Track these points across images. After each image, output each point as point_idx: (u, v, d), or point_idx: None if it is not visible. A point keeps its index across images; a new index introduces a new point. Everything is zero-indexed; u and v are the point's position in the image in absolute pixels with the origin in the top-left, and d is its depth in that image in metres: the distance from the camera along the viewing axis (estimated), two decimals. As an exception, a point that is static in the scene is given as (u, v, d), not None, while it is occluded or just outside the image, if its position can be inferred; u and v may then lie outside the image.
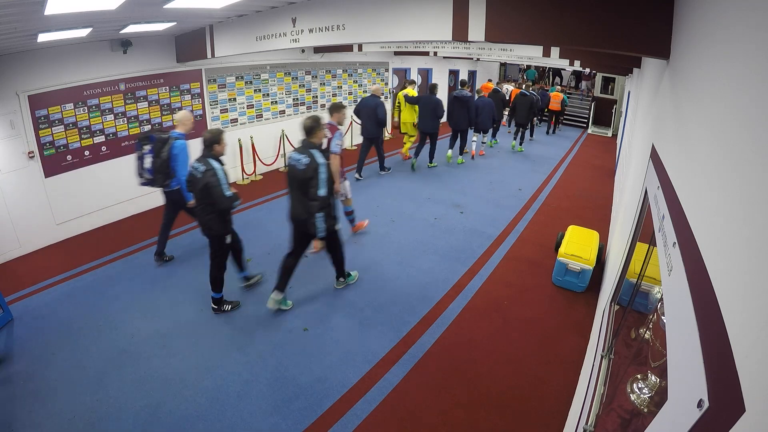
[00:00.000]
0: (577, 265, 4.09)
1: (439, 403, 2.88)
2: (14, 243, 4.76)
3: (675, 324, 1.07)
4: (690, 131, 1.41)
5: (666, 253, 1.30)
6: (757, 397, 0.57)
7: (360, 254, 4.86)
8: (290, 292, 4.09)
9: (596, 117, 13.45)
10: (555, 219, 6.05)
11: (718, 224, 0.90)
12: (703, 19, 1.42)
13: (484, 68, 15.51)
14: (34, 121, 4.74)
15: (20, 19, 3.09)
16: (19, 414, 2.73)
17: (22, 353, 3.31)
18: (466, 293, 4.17)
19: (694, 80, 1.49)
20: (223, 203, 3.36)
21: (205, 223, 3.52)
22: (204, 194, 3.37)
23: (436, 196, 6.73)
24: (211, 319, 3.70)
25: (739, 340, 0.67)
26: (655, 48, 2.23)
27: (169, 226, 4.58)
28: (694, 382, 0.78)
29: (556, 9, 2.40)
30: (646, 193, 2.16)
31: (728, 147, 0.95)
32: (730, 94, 1.01)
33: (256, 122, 7.58)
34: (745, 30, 0.97)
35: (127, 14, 3.72)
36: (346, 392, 2.94)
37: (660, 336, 1.50)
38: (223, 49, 5.08)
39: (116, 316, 3.74)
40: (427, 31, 3.03)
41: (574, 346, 3.42)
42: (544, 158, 9.51)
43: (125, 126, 5.69)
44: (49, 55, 4.73)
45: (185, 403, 2.83)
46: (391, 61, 10.70)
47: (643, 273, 2.01)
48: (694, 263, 0.97)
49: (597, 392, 2.17)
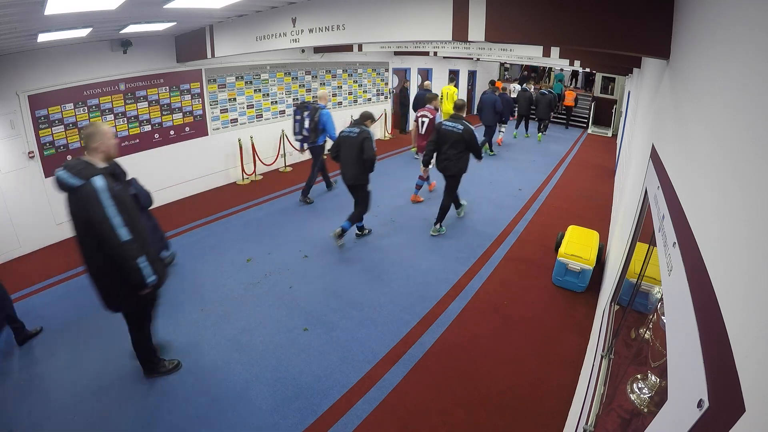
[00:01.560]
0: (577, 265, 4.09)
1: (439, 403, 2.88)
2: (14, 243, 4.76)
3: (675, 324, 1.07)
4: (690, 131, 1.41)
5: (666, 253, 1.30)
6: (757, 397, 0.57)
7: (359, 254, 4.87)
8: (290, 292, 4.09)
9: (596, 117, 13.45)
10: (555, 219, 6.05)
11: (718, 224, 0.90)
12: (703, 19, 1.42)
13: (484, 68, 15.51)
14: (34, 121, 4.74)
15: (20, 19, 3.09)
16: (19, 414, 2.73)
17: (22, 353, 3.31)
18: (466, 293, 4.17)
19: (694, 80, 1.49)
20: (372, 155, 4.56)
21: (353, 173, 4.70)
22: (358, 150, 4.55)
23: (436, 196, 6.73)
24: (211, 318, 3.70)
25: (739, 340, 0.67)
26: (655, 48, 2.23)
27: (316, 173, 6.23)
28: (694, 382, 0.78)
29: (556, 9, 2.40)
30: (646, 193, 2.16)
31: (728, 147, 0.95)
32: (731, 94, 1.01)
33: (256, 122, 7.58)
34: (745, 30, 0.97)
35: (127, 14, 3.72)
36: (346, 392, 2.94)
37: (660, 336, 1.50)
38: (223, 49, 5.08)
39: (116, 315, 3.73)
40: (427, 31, 3.03)
41: (574, 346, 3.42)
42: (544, 158, 9.51)
43: (125, 126, 5.69)
44: (49, 55, 4.73)
45: (185, 403, 2.83)
46: (391, 61, 10.70)
47: (643, 273, 2.01)
48: (694, 263, 0.97)
49: (597, 392, 2.17)
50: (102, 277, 2.52)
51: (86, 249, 2.45)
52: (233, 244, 5.09)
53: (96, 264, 2.48)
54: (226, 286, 4.21)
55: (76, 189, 2.28)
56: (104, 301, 2.59)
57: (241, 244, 5.08)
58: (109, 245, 2.33)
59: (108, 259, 2.40)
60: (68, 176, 2.28)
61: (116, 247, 2.34)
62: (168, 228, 5.54)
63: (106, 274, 2.49)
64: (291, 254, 4.83)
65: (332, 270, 4.51)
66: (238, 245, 5.05)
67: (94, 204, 2.26)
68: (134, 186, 3.31)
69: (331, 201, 6.45)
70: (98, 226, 2.30)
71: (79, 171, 2.29)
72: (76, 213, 2.36)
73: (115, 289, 2.56)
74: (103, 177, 2.31)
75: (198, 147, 6.70)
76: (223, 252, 4.89)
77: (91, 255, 2.45)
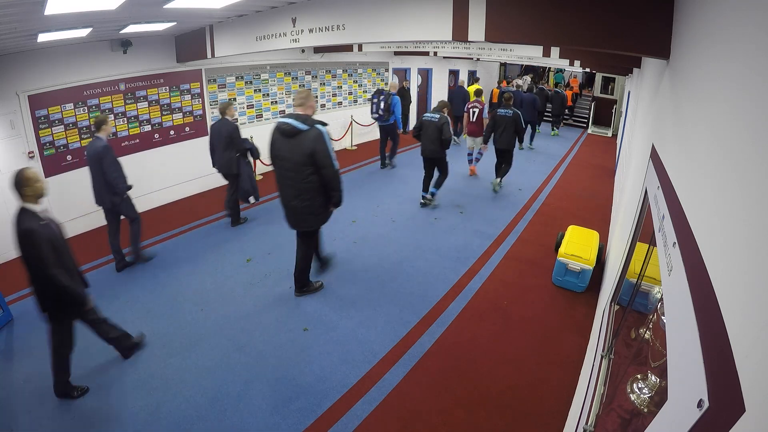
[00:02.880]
0: (577, 265, 4.09)
1: (439, 403, 2.88)
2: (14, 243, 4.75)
3: (675, 324, 1.07)
4: (690, 131, 1.41)
5: (666, 253, 1.30)
6: (757, 397, 0.57)
7: (360, 254, 4.87)
8: (290, 292, 4.09)
9: (596, 117, 13.45)
10: (555, 219, 6.05)
11: (718, 224, 0.90)
12: (703, 19, 1.42)
13: (484, 68, 15.51)
14: (34, 121, 4.74)
15: (20, 19, 3.09)
16: (19, 414, 2.73)
17: (22, 353, 3.31)
18: (466, 293, 4.17)
19: (694, 80, 1.49)
20: (449, 137, 5.73)
21: (432, 149, 5.88)
22: (438, 132, 5.72)
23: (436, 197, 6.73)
24: (211, 318, 3.70)
25: (739, 340, 0.67)
26: (655, 48, 2.23)
27: (384, 147, 8.19)
28: (694, 382, 0.78)
29: (556, 9, 2.40)
30: (646, 193, 2.16)
31: (728, 147, 0.95)
32: (731, 94, 1.01)
33: (256, 122, 7.58)
34: (745, 30, 0.97)
35: (127, 14, 3.72)
36: (346, 392, 2.94)
37: (660, 336, 1.50)
38: (223, 49, 5.08)
39: (116, 316, 3.73)
40: (427, 31, 3.03)
41: (574, 346, 3.42)
42: (544, 157, 9.51)
43: (125, 126, 5.69)
44: (49, 55, 4.73)
45: (185, 403, 2.83)
46: (391, 61, 10.70)
47: (643, 273, 2.01)
48: (694, 263, 0.97)
49: (597, 392, 2.17)
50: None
51: (299, 174, 3.39)
52: (233, 244, 5.09)
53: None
54: (226, 286, 4.21)
55: (301, 132, 3.30)
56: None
57: (241, 244, 5.09)
58: (326, 172, 3.37)
59: (318, 182, 3.42)
60: (297, 123, 3.30)
61: (334, 173, 3.40)
62: (168, 228, 5.55)
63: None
64: (291, 254, 4.81)
65: (332, 270, 4.51)
66: (238, 245, 5.05)
67: (320, 142, 3.29)
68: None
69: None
70: (321, 158, 3.31)
71: (304, 120, 3.32)
72: (292, 151, 3.34)
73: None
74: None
75: (198, 147, 6.70)
76: (223, 252, 4.89)
77: (298, 181, 3.42)
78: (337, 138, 9.30)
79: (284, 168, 3.41)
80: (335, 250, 4.86)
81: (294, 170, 3.37)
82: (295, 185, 3.43)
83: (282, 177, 3.48)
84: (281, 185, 3.53)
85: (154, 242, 5.17)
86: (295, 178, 3.39)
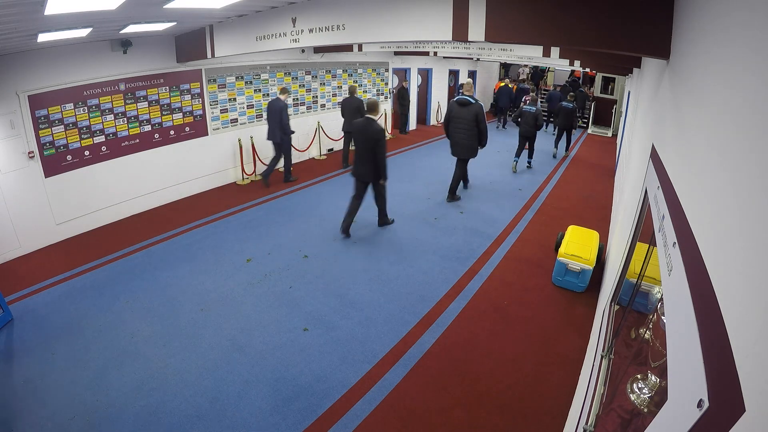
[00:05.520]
0: (577, 265, 4.09)
1: (439, 402, 2.88)
2: (14, 243, 4.76)
3: (675, 324, 1.07)
4: (690, 131, 1.41)
5: (666, 253, 1.30)
6: (757, 397, 0.57)
7: (360, 254, 4.87)
8: (290, 292, 4.09)
9: (596, 117, 13.45)
10: (555, 219, 6.05)
11: (718, 224, 0.90)
12: (703, 20, 1.42)
13: (484, 68, 15.51)
14: (34, 121, 4.74)
15: (20, 19, 3.09)
16: (19, 414, 2.73)
17: (22, 353, 3.31)
18: (466, 293, 4.17)
19: (694, 80, 1.49)
20: (541, 122, 7.75)
21: (529, 129, 7.97)
22: (533, 121, 7.87)
23: (436, 197, 6.74)
24: (211, 318, 3.70)
25: (739, 341, 0.67)
26: (655, 48, 2.23)
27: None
28: (694, 382, 0.78)
29: (556, 9, 2.40)
30: (646, 193, 2.16)
31: (728, 147, 0.95)
32: (731, 94, 1.01)
33: (256, 122, 7.58)
34: (745, 30, 0.97)
35: (127, 14, 3.72)
36: (346, 392, 2.94)
37: (660, 336, 1.50)
38: (223, 49, 5.08)
39: (116, 316, 3.75)
40: (427, 31, 3.03)
41: (574, 346, 3.42)
42: (544, 158, 9.51)
43: (125, 126, 5.69)
44: (49, 55, 4.73)
45: (185, 403, 2.83)
46: (391, 61, 10.70)
47: (643, 273, 2.01)
48: (694, 263, 0.97)
49: (597, 392, 2.17)
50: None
51: (462, 130, 6.06)
52: (233, 244, 5.09)
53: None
54: (226, 286, 4.21)
55: (472, 104, 5.92)
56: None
57: (241, 244, 5.09)
58: (482, 127, 6.02)
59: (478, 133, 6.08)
60: (467, 97, 5.95)
61: (485, 128, 6.07)
62: (168, 228, 5.55)
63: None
64: (291, 254, 4.83)
65: (332, 270, 4.52)
66: (238, 245, 5.05)
67: (482, 113, 5.91)
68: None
69: (332, 202, 6.46)
70: (480, 120, 5.95)
71: (470, 97, 5.98)
72: (467, 119, 5.98)
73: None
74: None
75: (198, 147, 6.70)
76: (223, 252, 4.89)
77: (465, 134, 6.10)
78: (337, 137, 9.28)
79: (458, 124, 6.05)
80: (335, 250, 4.85)
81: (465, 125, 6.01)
82: (465, 132, 6.03)
83: (456, 128, 6.07)
84: (453, 131, 6.14)
85: (154, 242, 5.18)
86: (465, 128, 6.00)
